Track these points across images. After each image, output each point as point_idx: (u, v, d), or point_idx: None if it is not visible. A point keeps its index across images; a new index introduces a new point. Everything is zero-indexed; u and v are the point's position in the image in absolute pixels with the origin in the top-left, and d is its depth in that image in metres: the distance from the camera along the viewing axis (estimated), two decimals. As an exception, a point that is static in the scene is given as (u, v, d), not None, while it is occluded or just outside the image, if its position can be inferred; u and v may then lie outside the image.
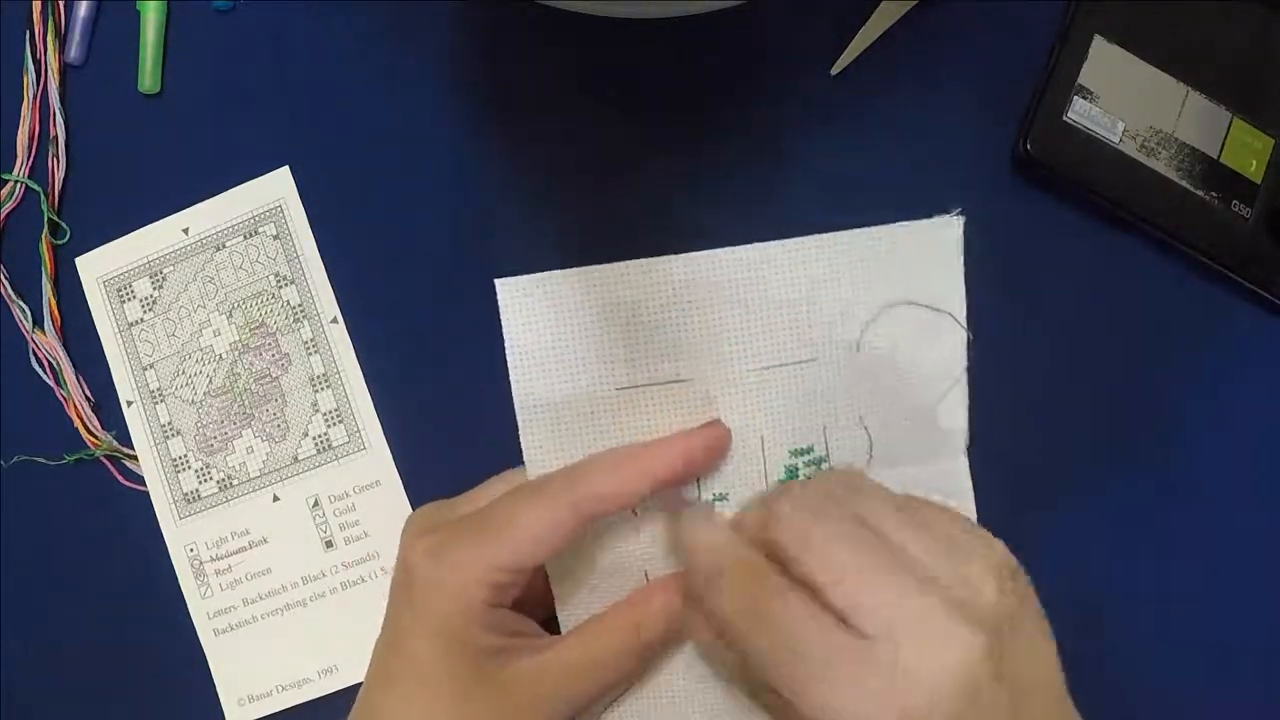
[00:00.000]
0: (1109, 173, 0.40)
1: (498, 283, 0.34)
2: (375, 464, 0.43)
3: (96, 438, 0.45)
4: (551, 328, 0.35)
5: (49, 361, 0.45)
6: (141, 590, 0.44)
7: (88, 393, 0.45)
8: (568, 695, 0.33)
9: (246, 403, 0.44)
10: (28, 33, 0.45)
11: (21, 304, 0.45)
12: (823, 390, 0.35)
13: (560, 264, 0.42)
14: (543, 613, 0.36)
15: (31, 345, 0.45)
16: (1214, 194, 0.41)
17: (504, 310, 0.34)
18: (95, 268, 0.45)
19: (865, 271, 0.35)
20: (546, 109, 0.43)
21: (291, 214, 0.44)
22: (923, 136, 0.42)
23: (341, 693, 0.43)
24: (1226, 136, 0.41)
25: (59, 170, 0.45)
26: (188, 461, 0.44)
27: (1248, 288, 0.41)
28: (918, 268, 0.35)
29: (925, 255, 0.35)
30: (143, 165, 0.45)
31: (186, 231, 0.44)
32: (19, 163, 0.45)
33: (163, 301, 0.44)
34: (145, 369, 0.44)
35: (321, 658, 0.43)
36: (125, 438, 0.45)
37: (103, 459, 0.45)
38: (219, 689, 0.44)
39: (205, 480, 0.44)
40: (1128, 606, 0.41)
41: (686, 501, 0.35)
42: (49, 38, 0.44)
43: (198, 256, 0.44)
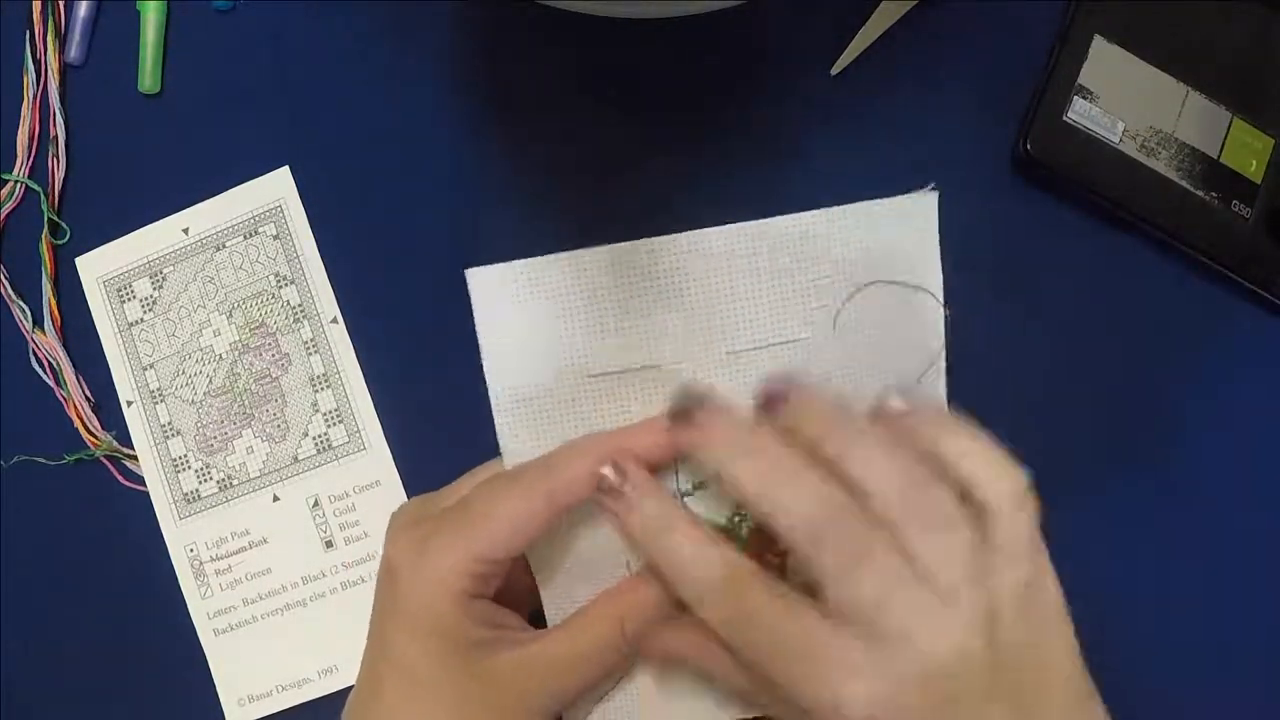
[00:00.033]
0: (1109, 173, 0.40)
1: (468, 273, 0.34)
2: (375, 464, 0.43)
3: (96, 438, 0.45)
4: (523, 316, 0.34)
5: (49, 361, 0.45)
6: (141, 590, 0.44)
7: (88, 393, 0.45)
8: (553, 689, 0.33)
9: (246, 403, 0.44)
10: (28, 33, 0.45)
11: (21, 304, 0.45)
12: (803, 371, 0.35)
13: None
14: (528, 608, 0.36)
15: (31, 345, 0.45)
16: (1214, 194, 0.41)
17: (475, 300, 0.34)
18: (95, 268, 0.45)
19: (840, 249, 0.34)
20: (546, 109, 0.43)
21: (291, 214, 0.44)
22: (923, 136, 0.42)
23: (341, 693, 0.43)
24: (1226, 136, 0.41)
25: (59, 170, 0.45)
26: (188, 461, 0.44)
27: (1248, 288, 0.41)
28: (894, 244, 0.35)
29: (901, 231, 0.35)
30: (143, 165, 0.45)
31: (186, 231, 0.44)
32: (19, 163, 0.45)
33: (163, 301, 0.44)
34: (145, 369, 0.44)
35: (321, 658, 0.43)
36: (125, 438, 0.45)
37: (103, 459, 0.45)
38: (219, 689, 0.44)
39: (205, 480, 0.44)
40: (1128, 605, 0.41)
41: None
42: (49, 38, 0.45)
43: (198, 256, 0.44)
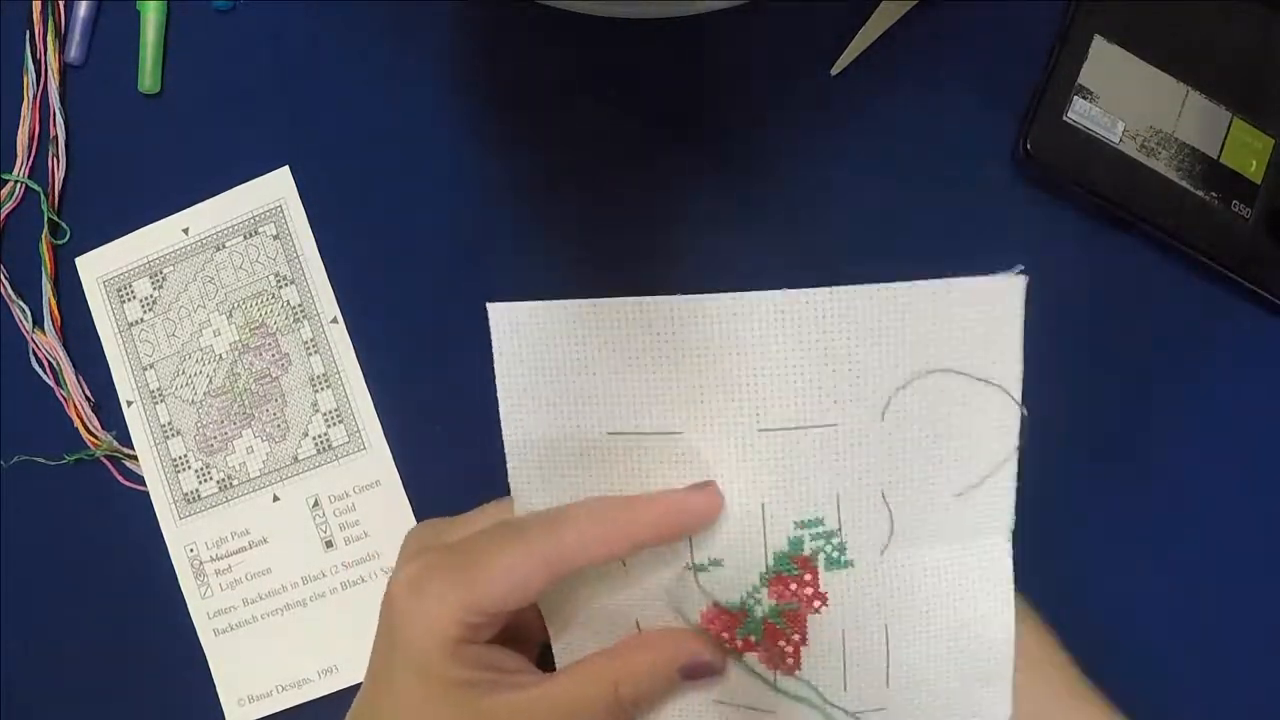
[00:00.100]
0: (1109, 173, 0.40)
1: (490, 307, 0.32)
2: (375, 464, 0.43)
3: (96, 438, 0.45)
4: (544, 359, 0.32)
5: (49, 361, 0.45)
6: (141, 590, 0.44)
7: (88, 393, 0.45)
8: None
9: (246, 403, 0.44)
10: (28, 33, 0.45)
11: (21, 304, 0.45)
12: (838, 458, 0.31)
13: (560, 266, 0.43)
14: (539, 643, 0.35)
15: (31, 345, 0.45)
16: (1214, 194, 0.41)
17: (495, 335, 0.32)
18: (95, 268, 0.45)
19: (901, 329, 0.30)
20: (546, 109, 0.43)
21: (291, 214, 0.44)
22: (923, 136, 0.42)
23: (341, 693, 0.43)
24: (1226, 136, 0.41)
25: (59, 170, 0.45)
26: (188, 461, 0.44)
27: (1248, 288, 0.41)
28: (966, 330, 0.31)
29: (977, 316, 0.31)
30: (143, 165, 0.45)
31: (186, 231, 0.44)
32: (19, 163, 0.45)
33: (163, 301, 0.44)
34: (145, 369, 0.44)
35: (321, 658, 0.43)
36: (125, 438, 0.45)
37: (103, 459, 0.45)
38: (219, 689, 0.44)
39: (205, 480, 0.44)
40: (1127, 605, 0.41)
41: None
42: (49, 38, 0.44)
43: (198, 256, 0.44)
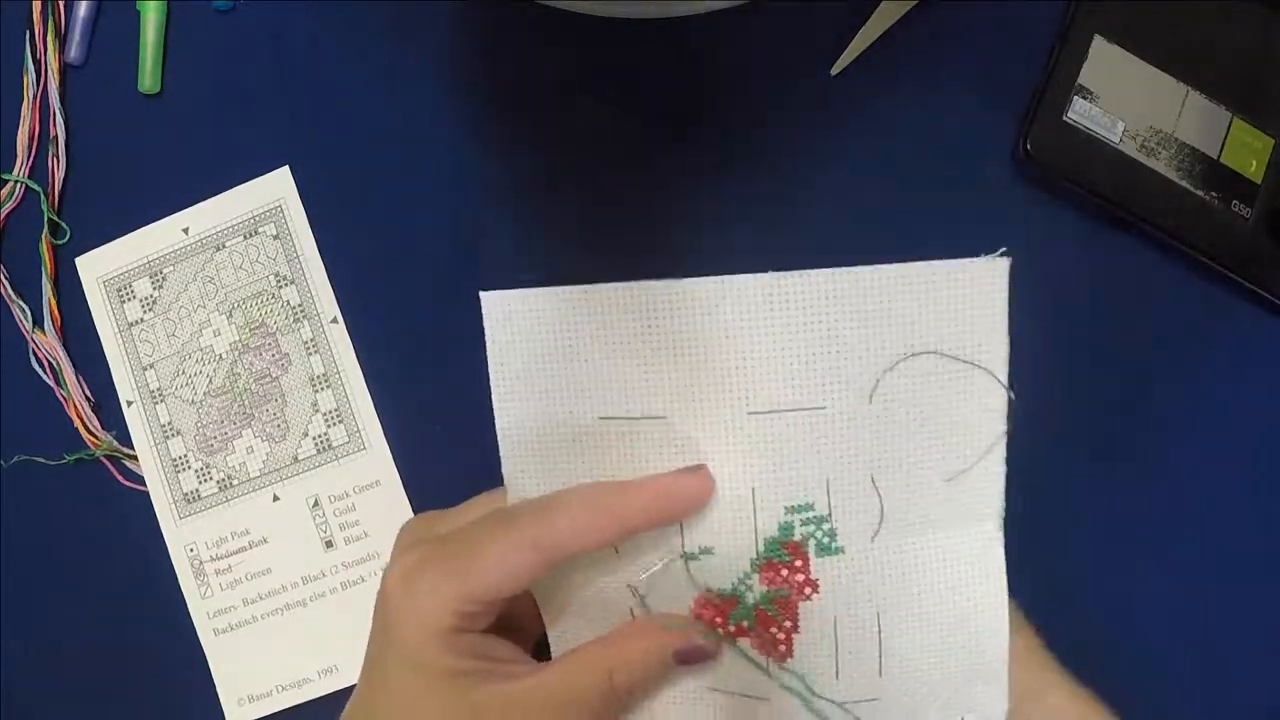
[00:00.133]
0: (1109, 173, 0.40)
1: (483, 295, 0.32)
2: (375, 464, 0.43)
3: (96, 438, 0.45)
4: (536, 346, 0.32)
5: (49, 361, 0.45)
6: (141, 590, 0.44)
7: (88, 393, 0.45)
8: None
9: (246, 403, 0.44)
10: (28, 33, 0.45)
11: (21, 304, 0.45)
12: (827, 442, 0.32)
13: (560, 266, 0.43)
14: (534, 634, 0.35)
15: (31, 345, 0.45)
16: (1214, 194, 0.41)
17: (488, 324, 0.32)
18: (95, 268, 0.45)
19: (888, 312, 0.31)
20: (546, 109, 0.43)
21: (291, 214, 0.44)
22: (923, 136, 0.42)
23: (341, 693, 0.43)
24: (1226, 136, 0.41)
25: (59, 170, 0.45)
26: (188, 461, 0.44)
27: (1248, 288, 0.41)
28: (951, 314, 0.31)
29: (963, 299, 0.31)
30: (143, 165, 0.45)
31: (186, 231, 0.44)
32: (19, 163, 0.45)
33: (163, 301, 0.44)
34: (145, 369, 0.44)
35: (321, 658, 0.43)
36: (125, 438, 0.45)
37: (103, 459, 0.45)
38: (219, 689, 0.44)
39: (205, 480, 0.44)
40: (1126, 604, 0.41)
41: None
42: (49, 38, 0.44)
43: (198, 256, 0.44)
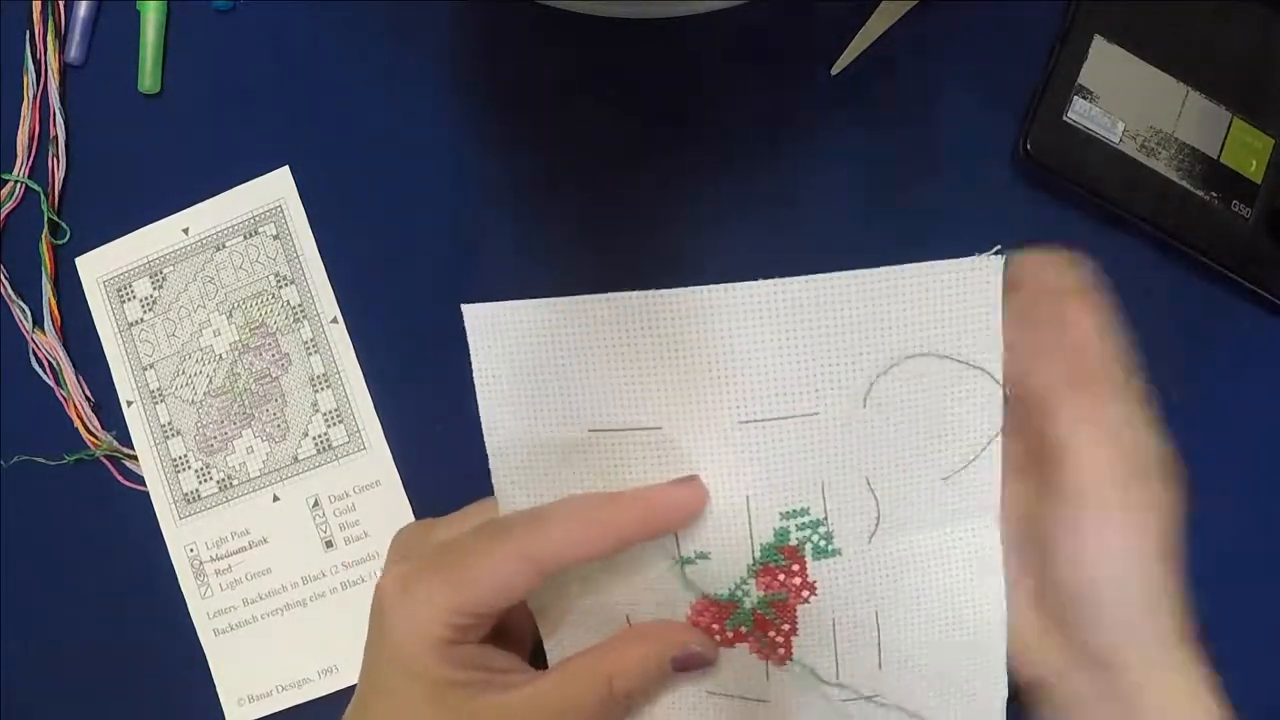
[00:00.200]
0: (1109, 173, 0.40)
1: (465, 309, 0.32)
2: (375, 464, 0.43)
3: (96, 438, 0.45)
4: (522, 358, 0.32)
5: (49, 361, 0.45)
6: (141, 590, 0.44)
7: (88, 393, 0.45)
8: None
9: (246, 403, 0.44)
10: (28, 33, 0.45)
11: (21, 304, 0.45)
12: (821, 447, 0.31)
13: (560, 266, 0.42)
14: (531, 642, 0.35)
15: (31, 345, 0.45)
16: (1214, 194, 0.41)
17: (472, 337, 0.32)
18: (95, 268, 0.45)
19: (879, 315, 0.30)
20: (546, 109, 0.43)
21: (291, 214, 0.44)
22: (923, 136, 0.42)
23: (341, 693, 0.43)
24: (1226, 136, 0.41)
25: (59, 170, 0.45)
26: (188, 461, 0.44)
27: (1248, 288, 0.41)
28: (945, 314, 0.31)
29: (955, 299, 0.31)
30: (143, 165, 0.45)
31: (186, 231, 0.44)
32: (19, 163, 0.45)
33: (163, 301, 0.44)
34: (145, 369, 0.44)
35: (321, 658, 0.43)
36: (125, 438, 0.45)
37: (103, 459, 0.45)
38: (219, 689, 0.44)
39: (205, 480, 0.44)
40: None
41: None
42: (49, 38, 0.44)
43: (198, 256, 0.44)
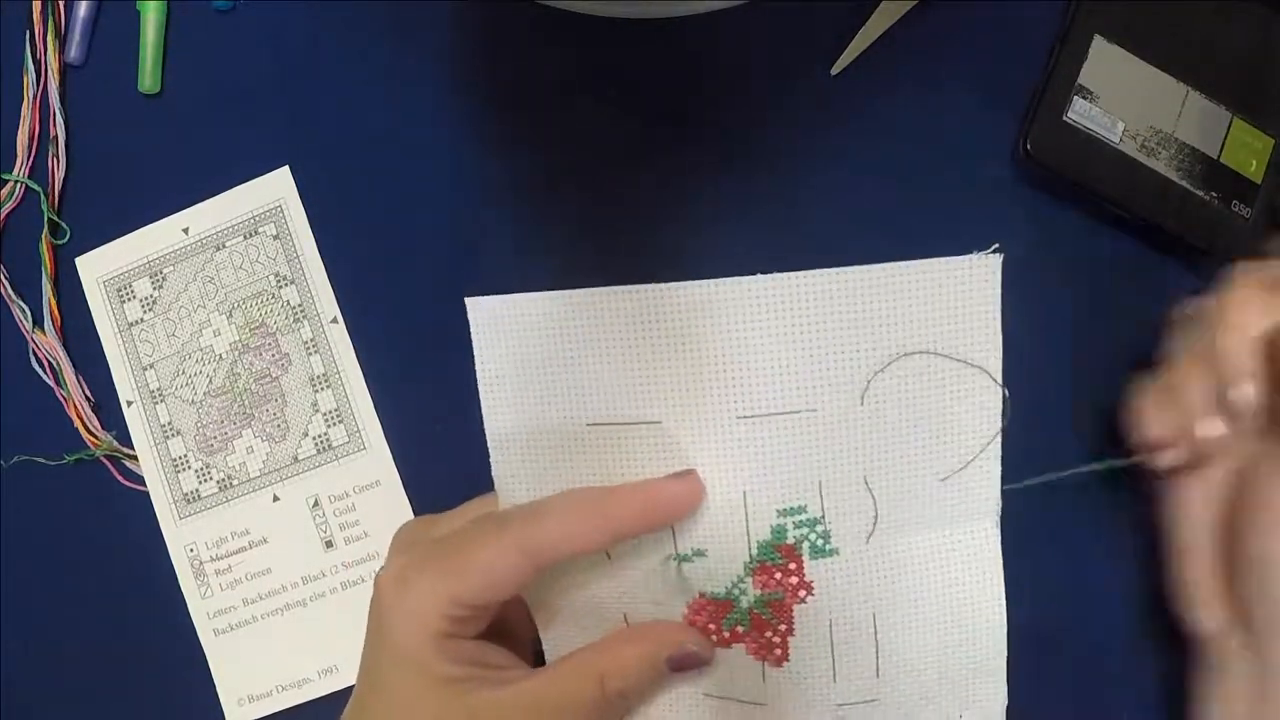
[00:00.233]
0: (1109, 173, 0.40)
1: (468, 301, 0.32)
2: (375, 464, 0.43)
3: (96, 438, 0.45)
4: (524, 352, 0.32)
5: (49, 361, 0.45)
6: (141, 590, 0.44)
7: (88, 393, 0.45)
8: None
9: (246, 403, 0.44)
10: (28, 33, 0.45)
11: (21, 304, 0.45)
12: (819, 444, 0.31)
13: (560, 266, 0.42)
14: (531, 640, 0.35)
15: (31, 345, 0.45)
16: (1214, 194, 0.41)
17: (475, 330, 0.32)
18: (95, 268, 0.45)
19: (878, 312, 0.31)
20: (546, 109, 0.43)
21: (291, 214, 0.44)
22: (923, 136, 0.42)
23: (341, 693, 0.43)
24: (1226, 136, 0.41)
25: (59, 170, 0.45)
26: (188, 461, 0.44)
27: (1248, 288, 0.41)
28: (943, 312, 0.31)
29: (954, 297, 0.31)
30: (143, 165, 0.45)
31: (186, 231, 0.44)
32: (19, 163, 0.45)
33: (163, 301, 0.44)
34: (145, 369, 0.44)
35: (321, 658, 0.43)
36: (125, 438, 0.45)
37: (103, 459, 0.45)
38: (219, 689, 0.44)
39: (205, 480, 0.44)
40: (1126, 606, 0.41)
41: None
42: (49, 38, 0.44)
43: (198, 256, 0.44)
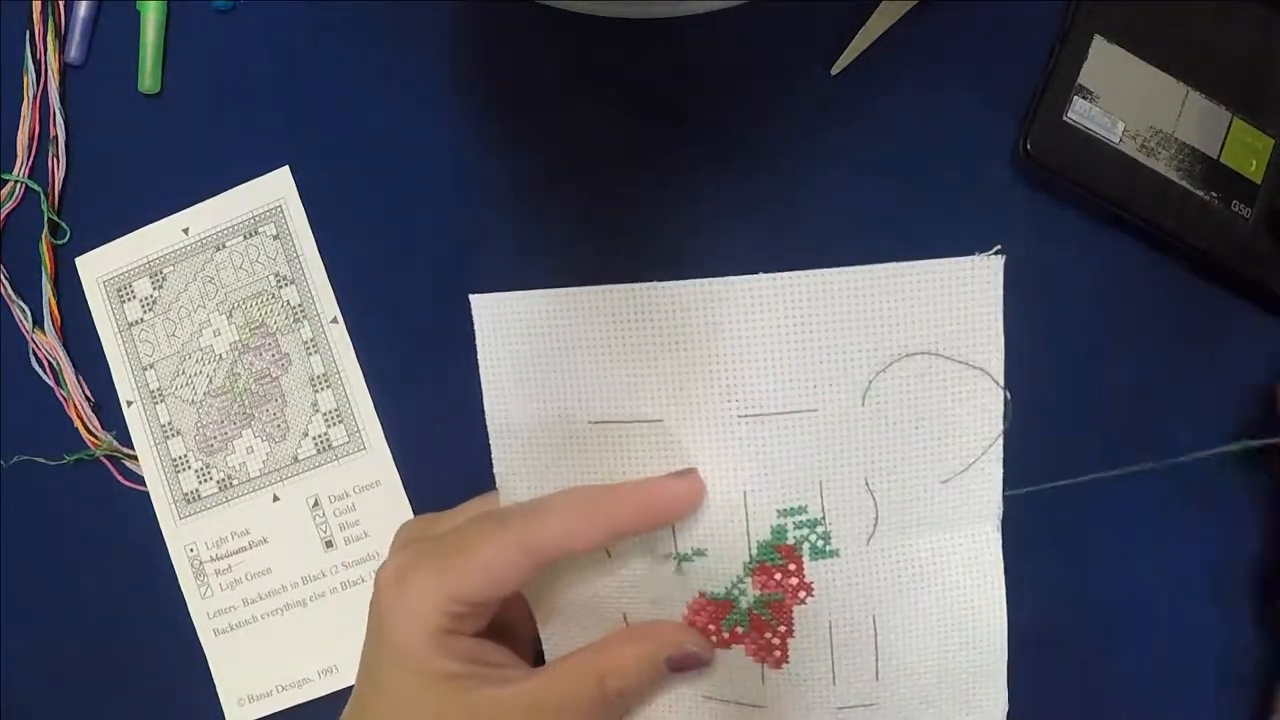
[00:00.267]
0: (1109, 173, 0.40)
1: (473, 298, 0.32)
2: (375, 464, 0.43)
3: (96, 438, 0.45)
4: (527, 349, 0.32)
5: (49, 361, 0.45)
6: (141, 590, 0.44)
7: (88, 393, 0.45)
8: None
9: (246, 403, 0.44)
10: (28, 33, 0.45)
11: (21, 304, 0.45)
12: (820, 444, 0.31)
13: (560, 266, 0.43)
14: (532, 640, 0.35)
15: (31, 345, 0.45)
16: (1214, 194, 0.41)
17: (478, 327, 0.32)
18: (95, 268, 0.45)
19: (879, 313, 0.31)
20: (546, 109, 0.43)
21: (291, 214, 0.44)
22: (923, 137, 0.42)
23: (341, 693, 0.43)
24: (1226, 136, 0.41)
25: (59, 170, 0.45)
26: (188, 461, 0.44)
27: (1248, 288, 0.41)
28: (945, 313, 0.31)
29: (956, 298, 0.31)
30: (143, 165, 0.45)
31: (186, 231, 0.44)
32: (19, 163, 0.45)
33: (163, 301, 0.44)
34: (145, 369, 0.44)
35: (321, 658, 0.43)
36: (125, 438, 0.45)
37: (103, 459, 0.45)
38: (219, 689, 0.44)
39: (205, 480, 0.44)
40: (1127, 607, 0.41)
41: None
42: (49, 38, 0.44)
43: (198, 256, 0.44)
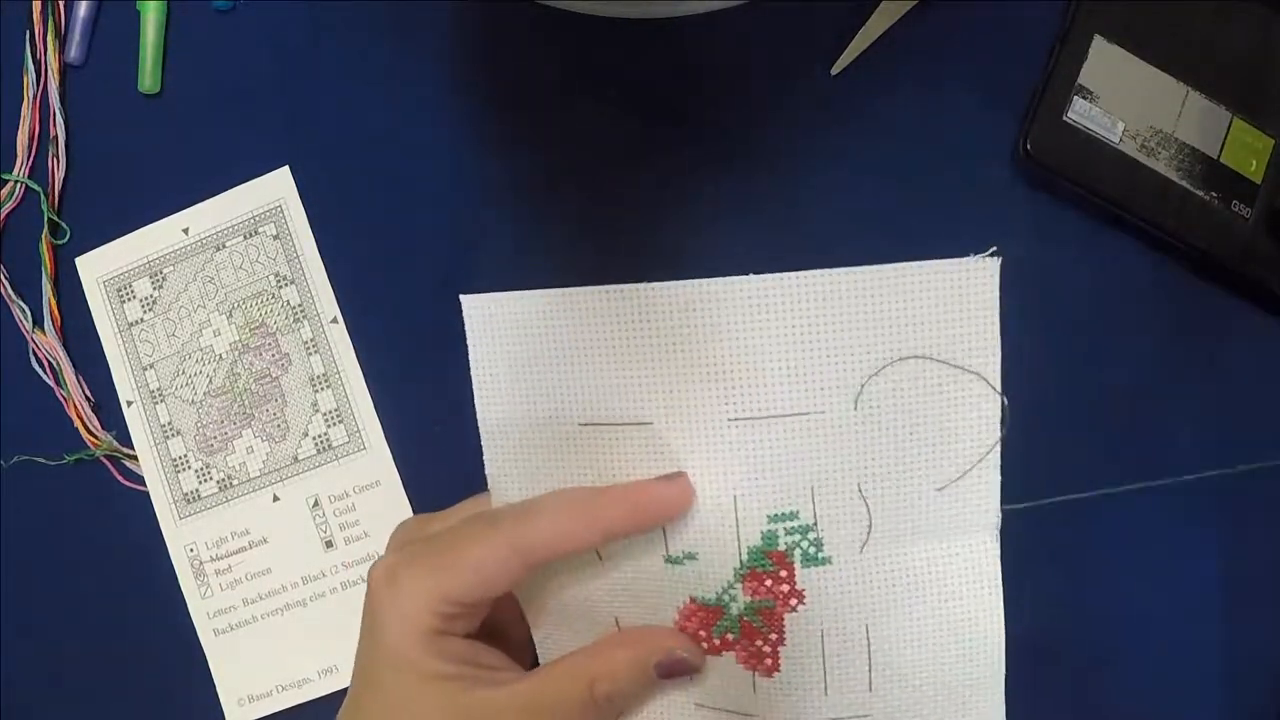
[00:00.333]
0: (1109, 173, 0.40)
1: (463, 299, 0.32)
2: (375, 464, 0.43)
3: (96, 438, 0.45)
4: (517, 350, 0.32)
5: (49, 361, 0.45)
6: (141, 590, 0.44)
7: (88, 393, 0.45)
8: None
9: (246, 403, 0.44)
10: (28, 33, 0.45)
11: (21, 304, 0.45)
12: (811, 449, 0.31)
13: (560, 266, 0.43)
14: (526, 639, 0.35)
15: (31, 345, 0.45)
16: (1214, 194, 0.41)
17: (469, 327, 0.32)
18: (95, 268, 0.45)
19: (873, 316, 0.30)
20: (546, 109, 0.43)
21: (291, 214, 0.44)
22: (923, 137, 0.42)
23: (341, 693, 0.43)
24: (1226, 136, 0.41)
25: (59, 170, 0.45)
26: (188, 461, 0.44)
27: (1248, 288, 0.41)
28: (940, 316, 0.30)
29: (952, 301, 0.30)
30: (143, 165, 0.45)
31: (186, 231, 0.44)
32: (19, 163, 0.45)
33: (163, 301, 0.44)
34: (145, 369, 0.44)
35: (321, 658, 0.43)
36: (125, 438, 0.45)
37: (103, 459, 0.45)
38: (219, 689, 0.44)
39: (205, 480, 0.44)
40: (1127, 607, 0.41)
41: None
42: (49, 38, 0.44)
43: (198, 256, 0.44)
